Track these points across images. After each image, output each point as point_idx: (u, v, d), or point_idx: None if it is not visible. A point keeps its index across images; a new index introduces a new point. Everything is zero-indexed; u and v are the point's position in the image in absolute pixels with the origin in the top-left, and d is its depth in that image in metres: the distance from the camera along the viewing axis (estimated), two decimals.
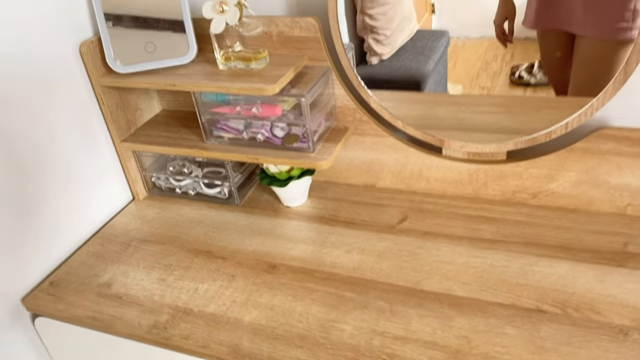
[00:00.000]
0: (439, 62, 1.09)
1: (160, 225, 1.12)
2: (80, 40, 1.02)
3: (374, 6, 1.04)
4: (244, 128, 1.04)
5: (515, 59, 1.03)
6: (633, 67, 0.83)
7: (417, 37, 1.09)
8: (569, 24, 0.92)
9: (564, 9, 0.91)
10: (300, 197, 1.11)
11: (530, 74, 1.03)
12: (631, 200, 0.96)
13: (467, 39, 1.08)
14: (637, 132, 0.90)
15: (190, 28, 1.02)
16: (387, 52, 1.08)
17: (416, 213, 1.05)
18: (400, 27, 1.08)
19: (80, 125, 1.06)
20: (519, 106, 1.07)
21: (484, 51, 1.08)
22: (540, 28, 0.96)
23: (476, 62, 1.08)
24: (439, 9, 1.08)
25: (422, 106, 1.11)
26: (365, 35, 1.06)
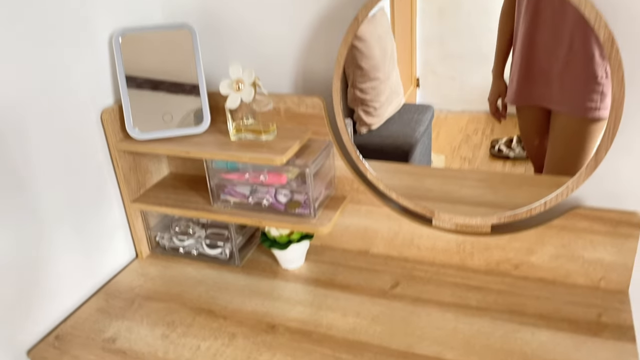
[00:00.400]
0: (424, 134, 1.18)
1: (163, 283, 1.17)
2: (102, 107, 1.11)
3: (365, 81, 1.13)
4: (250, 193, 1.12)
5: (494, 134, 1.13)
6: (602, 155, 0.94)
7: (403, 110, 1.19)
8: (546, 101, 1.02)
9: (541, 87, 1.01)
10: (298, 260, 1.18)
11: (509, 148, 1.13)
12: (604, 274, 1.04)
13: (449, 112, 1.18)
14: (608, 213, 1.00)
15: (205, 101, 1.11)
16: (375, 122, 1.17)
17: (408, 279, 1.12)
18: (389, 101, 1.17)
19: (96, 185, 1.12)
20: (500, 182, 1.17)
21: (465, 124, 1.17)
22: (520, 104, 1.05)
23: (458, 135, 1.18)
24: (423, 84, 1.18)
25: (411, 177, 1.19)
26: (356, 107, 1.15)
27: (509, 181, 1.15)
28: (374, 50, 1.10)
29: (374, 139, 1.17)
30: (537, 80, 1.01)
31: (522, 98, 1.04)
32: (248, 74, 1.02)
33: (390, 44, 1.12)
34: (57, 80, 1.00)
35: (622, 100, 0.90)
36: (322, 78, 1.15)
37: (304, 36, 1.13)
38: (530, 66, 1.00)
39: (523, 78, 1.01)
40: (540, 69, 0.99)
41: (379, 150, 1.17)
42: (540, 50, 0.98)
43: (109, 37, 1.10)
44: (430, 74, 1.17)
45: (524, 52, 0.99)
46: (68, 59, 1.02)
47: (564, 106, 1.00)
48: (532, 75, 1.00)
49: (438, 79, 1.17)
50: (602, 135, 0.93)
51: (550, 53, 0.97)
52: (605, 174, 1.01)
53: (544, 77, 0.99)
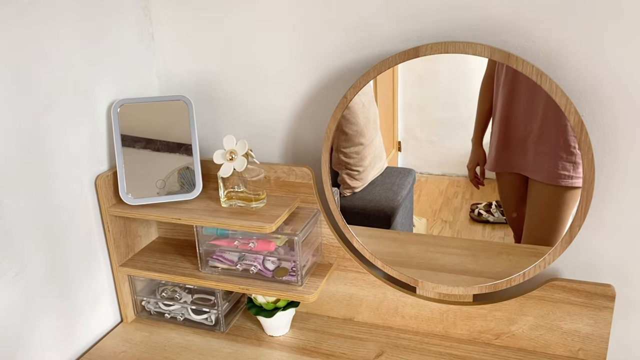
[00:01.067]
0: (406, 197, 1.22)
1: (147, 349, 1.16)
2: (96, 172, 1.14)
3: (349, 145, 1.18)
4: (238, 260, 1.14)
5: (474, 198, 1.18)
6: (576, 230, 0.99)
7: (386, 174, 1.23)
8: (522, 168, 1.07)
9: (518, 155, 1.06)
10: (284, 328, 1.19)
11: (489, 213, 1.18)
12: (582, 345, 1.07)
13: (430, 175, 1.23)
14: (584, 285, 1.04)
15: (199, 169, 1.15)
16: (359, 186, 1.21)
17: (392, 348, 1.13)
18: (372, 165, 1.22)
19: (85, 249, 1.14)
20: (481, 250, 1.21)
21: (445, 187, 1.22)
22: (498, 170, 1.11)
23: (438, 197, 1.22)
24: (404, 148, 1.24)
25: (394, 243, 1.23)
26: (340, 170, 1.20)
27: (490, 249, 1.19)
28: (358, 117, 1.15)
29: (357, 202, 1.20)
30: (514, 148, 1.06)
31: (500, 165, 1.09)
32: (241, 145, 1.07)
33: (374, 110, 1.17)
34: (53, 146, 1.03)
35: (592, 180, 0.96)
36: (311, 149, 1.20)
37: (295, 110, 1.19)
38: (507, 135, 1.05)
39: (501, 146, 1.07)
40: (517, 138, 1.05)
41: (362, 214, 1.20)
42: (517, 121, 1.04)
43: (108, 106, 1.14)
44: (411, 138, 1.22)
45: (502, 122, 1.05)
46: (65, 127, 1.06)
47: (538, 174, 1.05)
48: (509, 144, 1.06)
49: (419, 143, 1.22)
50: (575, 212, 0.99)
51: (525, 124, 1.03)
52: (580, 247, 1.06)
53: (520, 145, 1.05)
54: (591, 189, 0.96)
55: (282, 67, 1.17)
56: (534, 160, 1.05)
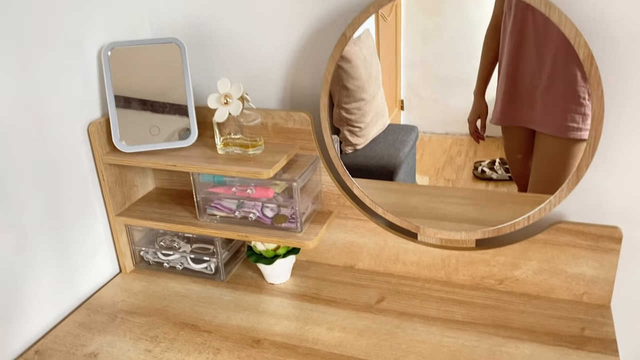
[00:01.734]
0: (409, 154, 1.19)
1: (146, 298, 1.15)
2: (89, 119, 1.11)
3: (350, 101, 1.15)
4: (237, 207, 1.12)
5: (478, 155, 1.15)
6: (583, 171, 0.96)
7: (388, 131, 1.20)
8: (529, 121, 1.04)
9: (525, 108, 1.03)
10: (284, 275, 1.18)
11: (492, 170, 1.15)
12: (586, 289, 1.06)
13: (433, 134, 1.20)
14: (590, 227, 1.01)
15: (193, 114, 1.12)
16: (361, 142, 1.19)
17: (393, 294, 1.12)
18: (374, 121, 1.19)
19: (80, 198, 1.12)
20: (485, 199, 1.18)
21: (449, 146, 1.19)
22: (504, 124, 1.07)
23: (441, 156, 1.19)
24: (407, 106, 1.20)
25: (397, 195, 1.21)
26: (341, 127, 1.17)
27: (493, 199, 1.17)
28: (359, 71, 1.12)
29: (359, 159, 1.18)
30: (520, 101, 1.03)
31: (506, 119, 1.06)
32: (236, 88, 1.03)
33: (376, 65, 1.14)
34: (44, 92, 1.00)
35: (601, 117, 0.92)
36: (310, 94, 1.16)
37: (292, 53, 1.14)
38: (514, 87, 1.02)
39: (507, 99, 1.03)
40: (524, 90, 1.01)
41: (364, 170, 1.18)
42: (524, 71, 1.00)
43: (98, 50, 1.10)
44: (414, 96, 1.19)
45: (509, 74, 1.01)
46: (55, 72, 1.02)
47: (546, 127, 1.02)
48: (516, 96, 1.03)
49: (422, 102, 1.18)
50: (583, 152, 0.95)
51: (533, 74, 0.99)
52: (587, 189, 1.04)
53: (527, 98, 1.01)
54: (600, 128, 0.93)
55: (277, 8, 1.12)
56: (542, 112, 1.01)
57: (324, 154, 1.15)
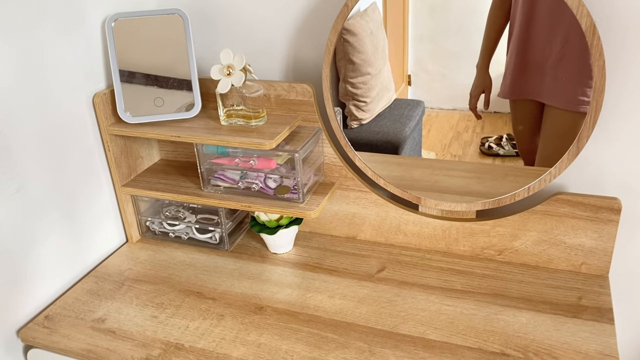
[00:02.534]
0: (415, 129, 1.20)
1: (152, 266, 1.18)
2: (94, 91, 1.12)
3: (356, 75, 1.15)
4: (240, 178, 1.14)
5: (485, 131, 1.15)
6: (584, 142, 0.97)
7: (394, 106, 1.20)
8: (539, 94, 1.03)
9: (536, 80, 1.02)
10: (287, 245, 1.20)
11: (499, 146, 1.15)
12: (585, 260, 1.07)
13: (440, 110, 1.20)
14: (589, 199, 1.02)
15: (196, 86, 1.13)
16: (366, 117, 1.19)
17: (394, 264, 1.14)
18: (380, 96, 1.19)
19: (86, 169, 1.14)
20: (487, 172, 1.19)
21: (456, 122, 1.19)
22: (513, 97, 1.06)
23: (448, 132, 1.19)
24: (414, 81, 1.20)
25: (400, 168, 1.21)
26: (347, 102, 1.17)
27: (496, 172, 1.17)
28: (365, 45, 1.12)
29: (364, 134, 1.19)
30: (531, 73, 1.02)
31: (516, 92, 1.05)
32: (239, 59, 1.04)
33: (382, 39, 1.14)
34: (48, 64, 1.01)
35: (602, 88, 0.92)
36: (312, 66, 1.17)
37: (294, 24, 1.14)
38: (525, 59, 1.01)
39: (517, 71, 1.02)
40: (535, 62, 1.00)
41: (369, 145, 1.18)
42: (535, 44, 0.99)
43: (102, 21, 1.11)
44: (421, 71, 1.18)
45: (519, 45, 1.00)
46: (59, 43, 1.03)
47: (557, 100, 1.01)
48: (526, 68, 1.01)
49: (429, 77, 1.18)
50: (584, 123, 0.96)
51: (544, 47, 0.98)
52: (587, 161, 1.04)
53: (537, 70, 1.00)
54: (601, 98, 0.93)
55: None
56: (552, 85, 1.00)
57: (327, 125, 1.16)
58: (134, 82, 1.12)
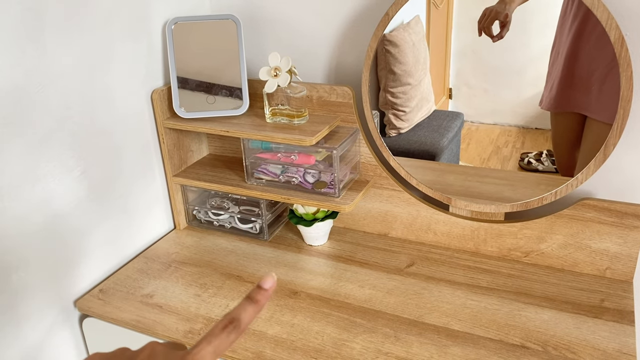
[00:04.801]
0: (453, 140, 1.23)
1: (197, 251, 1.27)
2: (152, 87, 1.23)
3: (396, 85, 1.20)
4: (281, 172, 1.22)
5: (525, 147, 1.17)
6: (611, 149, 1.01)
7: (433, 116, 1.24)
8: (584, 108, 1.04)
9: (581, 93, 1.03)
10: (322, 238, 1.27)
11: (539, 162, 1.18)
12: (610, 264, 1.10)
13: (481, 124, 1.23)
14: (615, 205, 1.06)
15: (245, 86, 1.22)
16: (405, 127, 1.24)
17: (423, 260, 1.20)
18: (419, 106, 1.23)
19: (142, 158, 1.24)
20: (520, 180, 1.21)
21: (496, 136, 1.22)
22: (558, 110, 1.07)
23: (488, 146, 1.22)
24: (455, 95, 1.24)
25: (434, 173, 1.26)
26: (386, 110, 1.22)
27: (528, 180, 1.20)
28: (407, 56, 1.17)
29: (402, 142, 1.23)
30: (577, 87, 1.03)
31: (562, 104, 1.06)
32: (285, 62, 1.13)
33: (424, 51, 1.18)
34: (114, 60, 1.12)
35: (630, 97, 0.96)
36: (353, 70, 1.25)
37: (337, 31, 1.23)
38: (572, 72, 1.02)
39: (564, 84, 1.04)
40: (581, 76, 1.01)
41: (407, 153, 1.23)
42: (584, 57, 1.00)
43: (163, 24, 1.22)
44: (463, 85, 1.21)
45: (567, 59, 1.01)
46: (124, 43, 1.14)
47: (601, 113, 1.02)
48: (572, 81, 1.03)
49: (471, 91, 1.20)
50: (611, 131, 0.99)
51: (592, 60, 0.99)
52: (613, 168, 1.08)
53: (583, 84, 1.02)
54: (628, 107, 0.97)
55: None
56: (597, 99, 1.02)
57: (364, 127, 1.23)
58: (189, 82, 1.22)
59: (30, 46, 0.94)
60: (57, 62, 1.00)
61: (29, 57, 0.94)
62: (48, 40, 0.97)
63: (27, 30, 0.93)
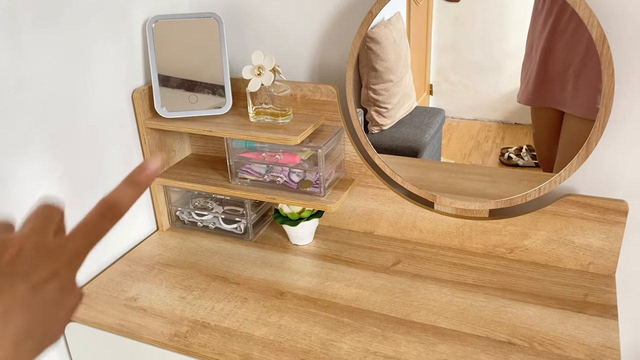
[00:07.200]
0: (434, 136, 1.24)
1: (181, 253, 1.26)
2: (133, 87, 1.21)
3: (378, 82, 1.20)
4: (265, 172, 1.21)
5: (505, 142, 1.19)
6: (593, 145, 1.02)
7: (415, 113, 1.25)
8: (560, 103, 1.06)
9: (557, 89, 1.05)
10: (308, 237, 1.26)
11: (519, 156, 1.19)
12: (592, 259, 1.11)
13: (461, 119, 1.24)
14: (597, 200, 1.07)
15: (228, 84, 1.21)
16: (387, 123, 1.24)
17: (408, 258, 1.20)
18: (401, 103, 1.24)
19: (124, 159, 1.22)
20: (503, 177, 1.23)
21: (477, 132, 1.23)
22: (535, 105, 1.09)
23: (469, 142, 1.23)
24: (436, 91, 1.25)
25: (418, 170, 1.27)
26: (368, 107, 1.22)
27: (511, 176, 1.22)
28: (388, 53, 1.17)
29: (384, 139, 1.23)
30: (552, 82, 1.04)
31: (538, 99, 1.08)
32: (269, 61, 1.12)
33: (405, 48, 1.18)
34: (92, 59, 1.10)
35: (611, 95, 0.97)
36: (337, 69, 1.24)
37: (321, 29, 1.22)
38: (546, 67, 1.03)
39: (540, 79, 1.05)
40: (556, 71, 1.03)
41: (390, 150, 1.23)
42: (558, 53, 1.01)
43: (143, 22, 1.20)
44: (443, 81, 1.22)
45: (542, 54, 1.03)
46: (103, 41, 1.12)
47: (576, 109, 1.04)
48: (547, 76, 1.04)
49: (451, 87, 1.21)
50: (593, 127, 1.01)
51: (567, 56, 1.00)
52: (596, 164, 1.09)
53: (559, 79, 1.03)
54: (610, 104, 0.98)
55: None
56: (573, 94, 1.03)
57: (349, 125, 1.22)
58: (170, 80, 1.20)
59: (4, 45, 0.92)
60: (34, 62, 0.97)
61: (4, 57, 0.92)
62: (24, 39, 0.95)
63: (2, 29, 0.91)
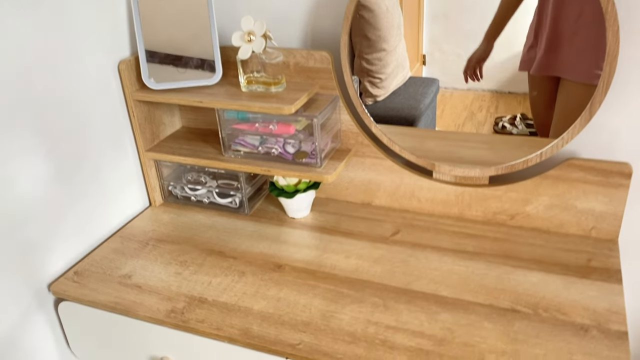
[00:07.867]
0: (429, 106, 1.21)
1: (175, 228, 1.23)
2: (119, 58, 1.16)
3: (371, 52, 1.17)
4: (260, 144, 1.18)
5: (499, 111, 1.16)
6: (597, 107, 0.99)
7: (409, 83, 1.22)
8: (555, 69, 1.04)
9: (552, 55, 1.03)
10: (305, 210, 1.24)
11: (513, 125, 1.17)
12: (595, 224, 1.09)
13: (455, 89, 1.21)
14: (601, 164, 1.04)
15: (218, 53, 1.16)
16: (381, 94, 1.21)
17: (408, 228, 1.18)
18: (394, 73, 1.20)
19: (112, 133, 1.18)
20: (501, 143, 1.20)
21: (470, 102, 1.21)
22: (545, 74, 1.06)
23: (462, 112, 1.21)
24: (429, 61, 1.22)
25: (415, 139, 1.24)
26: (362, 78, 1.19)
27: (510, 142, 1.19)
28: (381, 21, 1.13)
29: (379, 110, 1.20)
30: (560, 50, 1.02)
31: (548, 68, 1.05)
32: (259, 26, 1.07)
33: (398, 16, 1.15)
34: (78, 31, 1.05)
35: (616, 53, 0.94)
36: (331, 34, 1.19)
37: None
38: (556, 36, 1.01)
39: (549, 47, 1.02)
40: (551, 38, 1.01)
41: (384, 121, 1.20)
42: (552, 18, 0.99)
43: None
44: (436, 51, 1.19)
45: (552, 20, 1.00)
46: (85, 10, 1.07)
47: (573, 73, 1.02)
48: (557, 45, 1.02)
49: (444, 56, 1.18)
50: (597, 88, 0.97)
51: (561, 21, 0.99)
52: (599, 127, 1.06)
53: (554, 45, 1.01)
54: (614, 64, 0.95)
55: None
56: (568, 59, 1.01)
57: (344, 93, 1.19)
58: (158, 50, 1.16)
59: None
60: (13, 33, 0.93)
61: None
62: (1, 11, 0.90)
63: None
